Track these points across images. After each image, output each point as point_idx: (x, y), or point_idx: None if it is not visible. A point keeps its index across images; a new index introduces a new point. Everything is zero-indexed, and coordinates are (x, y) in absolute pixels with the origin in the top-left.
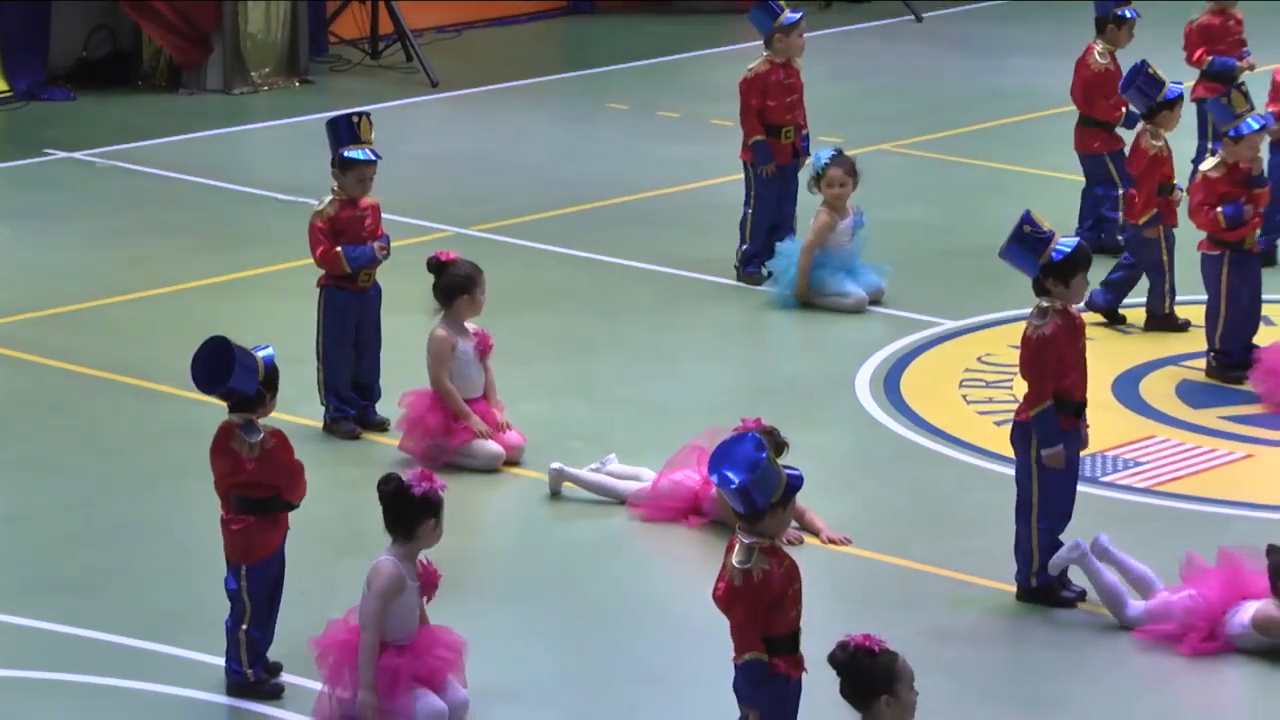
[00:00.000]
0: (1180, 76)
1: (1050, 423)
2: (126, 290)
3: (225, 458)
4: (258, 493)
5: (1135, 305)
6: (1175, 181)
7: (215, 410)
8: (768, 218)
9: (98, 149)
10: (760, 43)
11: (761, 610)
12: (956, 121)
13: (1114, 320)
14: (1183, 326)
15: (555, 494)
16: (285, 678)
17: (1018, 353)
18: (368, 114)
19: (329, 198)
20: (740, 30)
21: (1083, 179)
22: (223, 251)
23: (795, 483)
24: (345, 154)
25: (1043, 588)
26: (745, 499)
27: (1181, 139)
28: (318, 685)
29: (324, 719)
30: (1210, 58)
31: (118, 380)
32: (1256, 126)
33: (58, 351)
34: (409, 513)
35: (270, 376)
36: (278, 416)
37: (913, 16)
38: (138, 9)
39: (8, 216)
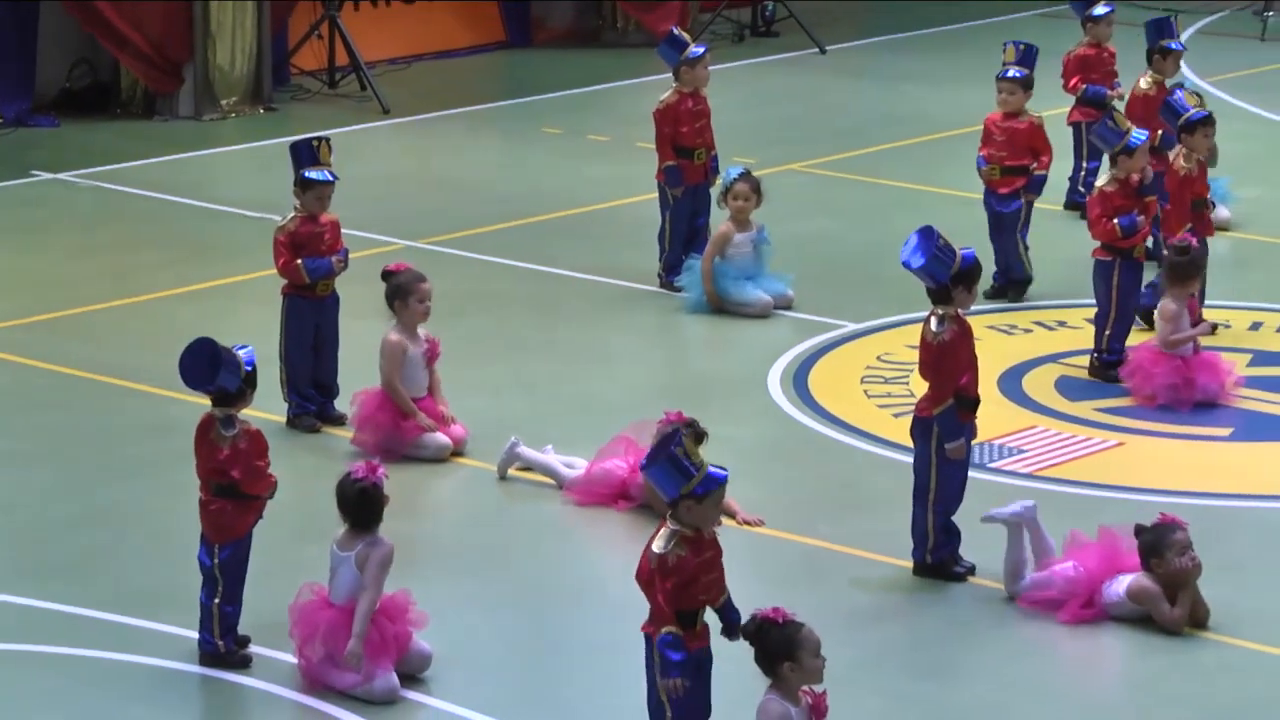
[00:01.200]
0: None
1: (950, 419)
2: (107, 299)
3: (203, 446)
4: (226, 480)
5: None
6: (1207, 196)
7: (190, 406)
8: (683, 231)
9: (80, 170)
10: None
11: (673, 591)
12: (857, 144)
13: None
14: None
15: (502, 478)
16: (254, 649)
17: (914, 352)
18: (326, 139)
19: (291, 214)
20: (661, 63)
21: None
22: (194, 263)
23: (713, 479)
24: (305, 175)
25: (936, 564)
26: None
27: (1061, 158)
28: (283, 656)
29: (304, 673)
30: (1084, 86)
31: (100, 380)
32: (1144, 140)
33: (44, 354)
34: (376, 507)
35: (250, 374)
36: (246, 412)
37: (817, 49)
38: (116, 43)
39: None
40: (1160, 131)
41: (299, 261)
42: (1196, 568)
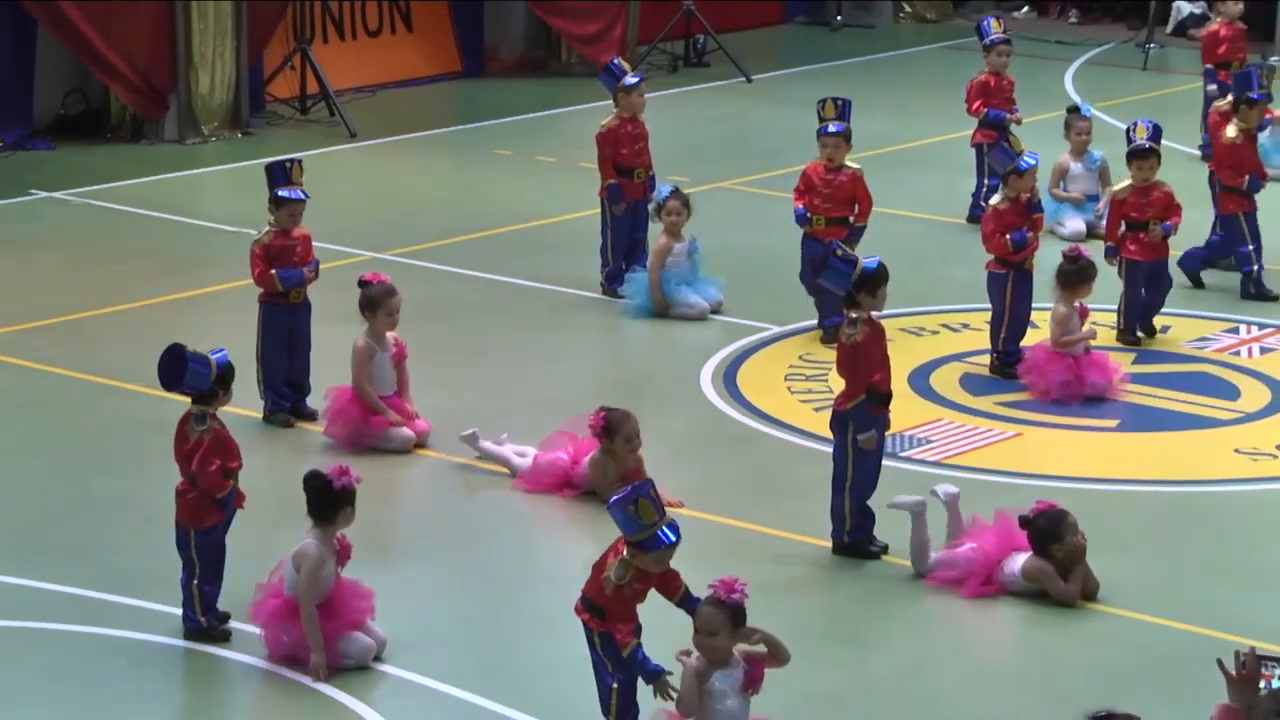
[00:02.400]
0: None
1: (864, 413)
2: (97, 306)
3: (179, 437)
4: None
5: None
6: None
7: (175, 404)
8: (623, 243)
9: (73, 190)
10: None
11: (623, 610)
12: (779, 164)
13: (1197, 284)
14: (1274, 297)
15: (467, 440)
16: (233, 624)
17: (832, 352)
18: (299, 160)
19: (266, 229)
20: (603, 90)
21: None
22: (177, 274)
23: (658, 541)
24: (279, 194)
25: (853, 544)
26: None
27: (963, 177)
28: (259, 631)
29: (272, 653)
30: (985, 110)
31: (91, 380)
32: (1034, 162)
33: (40, 357)
34: (330, 502)
35: (223, 375)
36: (228, 409)
37: (744, 78)
38: (106, 73)
39: None
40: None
41: (273, 271)
42: (1085, 544)
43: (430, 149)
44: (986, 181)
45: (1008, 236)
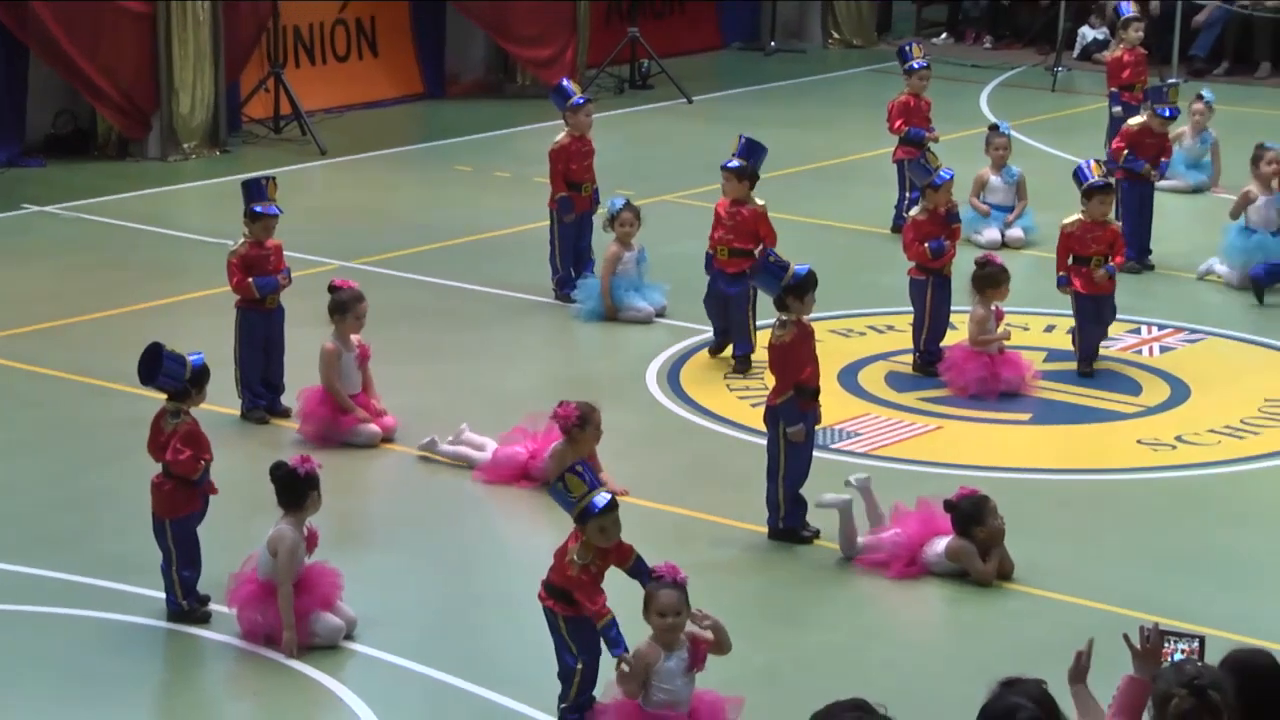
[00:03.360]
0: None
1: (792, 407)
2: (85, 312)
3: (154, 431)
4: (165, 460)
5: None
6: None
7: (154, 403)
8: (570, 251)
9: (63, 204)
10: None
11: (589, 587)
12: (718, 179)
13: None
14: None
15: (424, 451)
16: (213, 607)
17: (767, 352)
18: (273, 177)
19: (242, 240)
20: (555, 111)
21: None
22: (160, 282)
23: (587, 513)
24: (255, 209)
25: (787, 529)
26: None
27: (887, 189)
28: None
29: (247, 633)
30: (906, 128)
31: (80, 381)
32: (949, 177)
33: (32, 359)
34: (297, 489)
35: (197, 375)
36: (208, 407)
37: (685, 99)
38: (93, 95)
39: None
40: None
41: (250, 279)
42: (1003, 528)
43: (395, 165)
44: (908, 194)
45: (926, 245)
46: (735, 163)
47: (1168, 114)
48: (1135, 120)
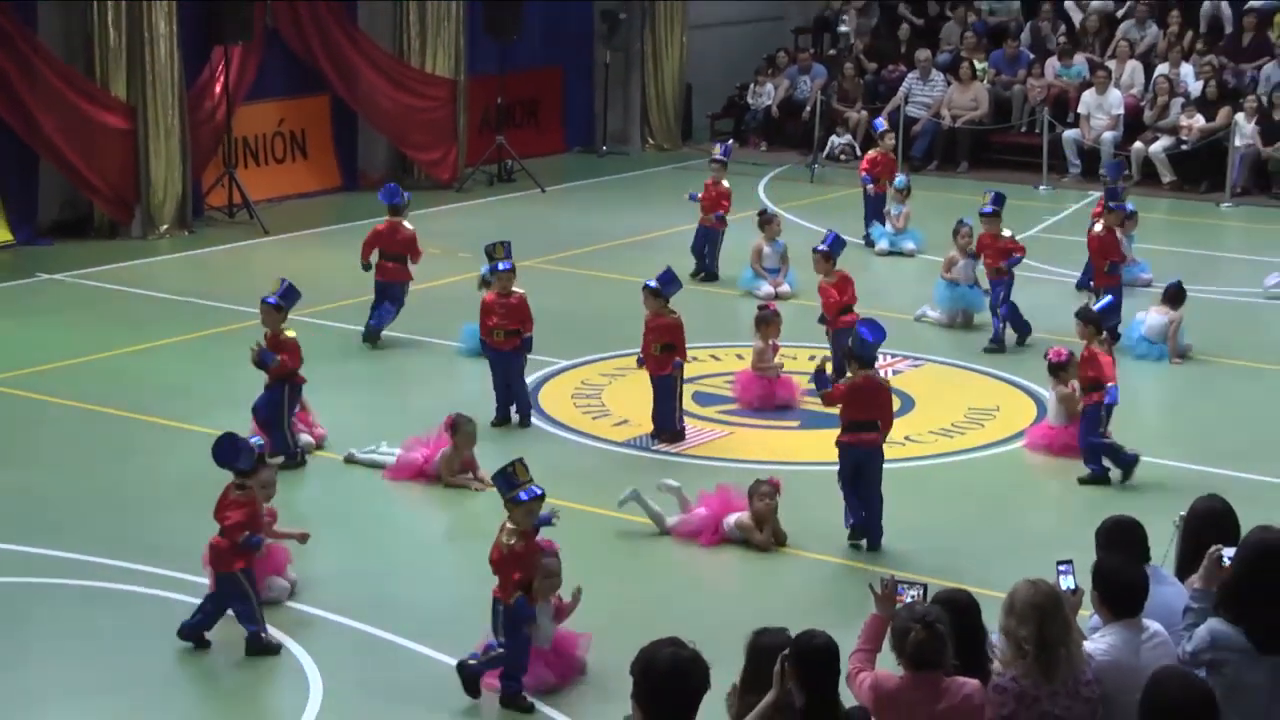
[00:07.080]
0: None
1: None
2: (86, 354)
3: (222, 499)
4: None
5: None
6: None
7: (145, 425)
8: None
9: (67, 273)
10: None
11: (514, 568)
12: (565, 248)
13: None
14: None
15: (348, 461)
16: (190, 576)
17: (601, 377)
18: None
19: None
20: (446, 194)
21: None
22: (142, 331)
23: (520, 500)
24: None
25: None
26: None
27: (685, 256)
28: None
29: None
30: (714, 212)
31: (80, 407)
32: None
33: (42, 391)
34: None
35: (260, 456)
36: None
37: (540, 189)
38: (89, 189)
39: (13, 316)
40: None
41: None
42: (773, 506)
43: (321, 242)
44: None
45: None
46: (505, 264)
47: (1127, 209)
48: (1098, 228)
